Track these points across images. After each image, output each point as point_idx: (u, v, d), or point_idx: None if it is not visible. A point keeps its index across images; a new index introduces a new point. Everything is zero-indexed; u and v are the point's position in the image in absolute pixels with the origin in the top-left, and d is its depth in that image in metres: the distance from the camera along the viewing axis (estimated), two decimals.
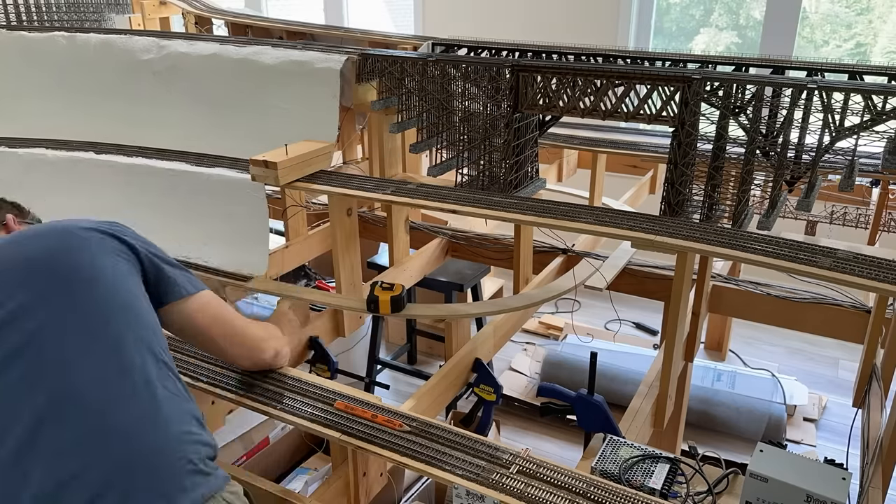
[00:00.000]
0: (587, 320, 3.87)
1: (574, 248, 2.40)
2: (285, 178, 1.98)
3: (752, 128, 1.72)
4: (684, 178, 1.79)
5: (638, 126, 2.62)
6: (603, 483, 1.23)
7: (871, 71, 1.85)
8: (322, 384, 1.57)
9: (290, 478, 2.44)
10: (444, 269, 3.07)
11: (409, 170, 2.64)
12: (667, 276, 2.17)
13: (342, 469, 1.60)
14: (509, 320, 2.15)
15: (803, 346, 3.66)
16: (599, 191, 2.92)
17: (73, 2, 3.64)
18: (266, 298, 3.95)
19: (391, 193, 1.92)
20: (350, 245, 2.15)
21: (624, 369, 3.10)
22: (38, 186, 2.46)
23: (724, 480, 1.34)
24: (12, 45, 2.74)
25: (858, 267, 1.44)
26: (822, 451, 2.88)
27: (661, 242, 1.59)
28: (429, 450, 1.32)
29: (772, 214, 1.76)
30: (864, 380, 1.77)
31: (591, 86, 1.89)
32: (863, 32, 3.85)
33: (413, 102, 2.22)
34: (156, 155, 2.35)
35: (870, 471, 1.42)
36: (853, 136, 1.70)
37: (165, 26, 3.95)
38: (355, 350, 3.28)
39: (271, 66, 2.32)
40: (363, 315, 2.27)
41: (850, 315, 1.94)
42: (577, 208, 1.78)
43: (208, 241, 2.19)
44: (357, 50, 2.31)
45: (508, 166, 2.06)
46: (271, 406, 1.46)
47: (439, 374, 1.81)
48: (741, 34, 4.12)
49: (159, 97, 2.53)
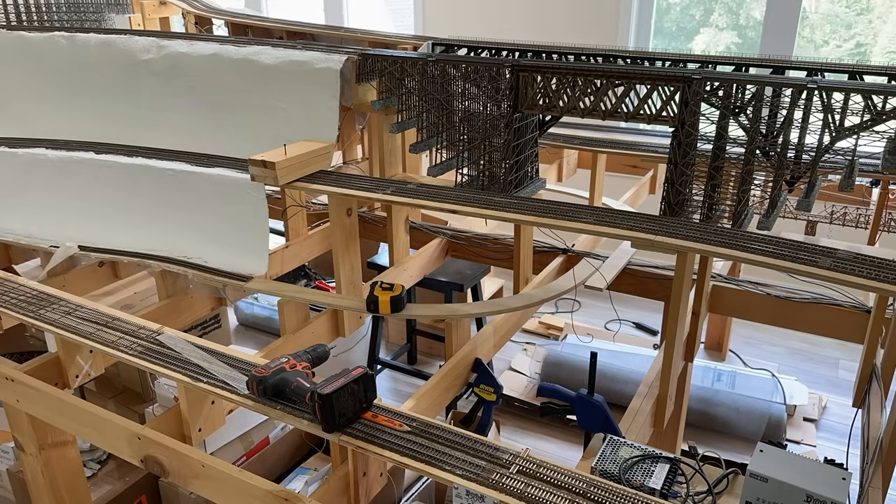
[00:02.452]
0: (587, 320, 3.87)
1: (574, 248, 2.40)
2: (284, 178, 1.98)
3: (752, 128, 1.72)
4: (684, 178, 1.79)
5: (638, 126, 2.62)
6: (603, 483, 1.23)
7: (871, 71, 1.85)
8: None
9: (290, 478, 2.44)
10: (444, 269, 3.07)
11: (409, 170, 2.64)
12: (667, 276, 2.17)
13: (342, 469, 1.60)
14: (509, 320, 2.15)
15: (803, 346, 3.66)
16: (599, 191, 2.92)
17: (73, 2, 3.64)
18: (266, 298, 3.95)
19: (391, 193, 1.92)
20: (350, 245, 2.15)
21: (624, 369, 3.10)
22: (38, 186, 2.46)
23: (724, 480, 1.34)
24: (12, 45, 2.74)
25: (858, 267, 1.44)
26: (822, 451, 2.88)
27: (661, 242, 1.59)
28: (429, 450, 1.32)
29: (772, 214, 1.76)
30: (864, 380, 1.77)
31: (591, 86, 1.89)
32: (863, 32, 3.85)
33: (413, 102, 2.22)
34: (156, 155, 2.35)
35: (870, 471, 1.42)
36: (853, 136, 1.70)
37: (165, 26, 3.95)
38: (355, 350, 3.28)
39: (271, 66, 2.32)
40: (363, 315, 2.27)
41: (850, 315, 1.94)
42: (577, 208, 1.78)
43: (208, 241, 2.19)
44: (357, 50, 2.31)
45: (508, 166, 2.06)
46: (271, 406, 1.46)
47: (439, 374, 1.81)
48: (741, 34, 4.12)
49: (159, 97, 2.53)
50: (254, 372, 1.47)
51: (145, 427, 1.64)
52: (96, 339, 1.74)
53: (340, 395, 1.35)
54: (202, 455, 1.58)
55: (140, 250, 2.25)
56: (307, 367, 1.51)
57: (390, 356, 3.50)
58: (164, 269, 2.19)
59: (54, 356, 1.89)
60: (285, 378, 1.45)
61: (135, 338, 1.74)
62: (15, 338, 2.93)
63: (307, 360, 1.53)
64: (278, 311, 2.06)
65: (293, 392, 1.43)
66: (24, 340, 3.05)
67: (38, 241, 2.39)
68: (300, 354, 1.55)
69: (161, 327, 1.79)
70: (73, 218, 2.39)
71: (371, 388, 1.41)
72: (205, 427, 1.74)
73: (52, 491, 1.93)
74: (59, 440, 1.91)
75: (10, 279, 2.11)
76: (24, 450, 1.92)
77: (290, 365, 1.48)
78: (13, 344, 2.93)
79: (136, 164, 2.30)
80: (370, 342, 3.29)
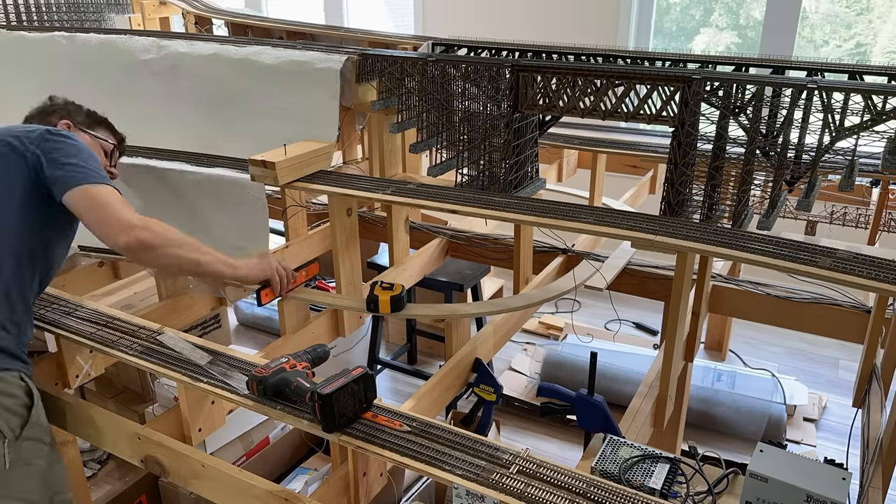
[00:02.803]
0: (587, 320, 3.87)
1: (574, 248, 2.40)
2: (284, 178, 1.98)
3: (752, 128, 1.72)
4: (684, 178, 1.79)
5: (638, 126, 2.62)
6: (603, 483, 1.23)
7: (871, 71, 1.85)
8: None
9: (290, 478, 2.45)
10: (444, 269, 3.07)
11: (409, 170, 2.64)
12: (667, 276, 2.17)
13: (342, 469, 1.60)
14: (509, 320, 2.15)
15: (803, 346, 3.66)
16: (599, 191, 2.92)
17: (73, 2, 3.64)
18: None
19: (391, 193, 1.92)
20: (350, 245, 2.15)
21: (624, 369, 3.10)
22: None
23: (724, 480, 1.34)
24: (12, 45, 2.74)
25: (858, 267, 1.44)
26: (822, 451, 2.88)
27: (661, 242, 1.59)
28: (429, 450, 1.32)
29: (772, 214, 1.76)
30: (864, 380, 1.77)
31: (591, 86, 1.89)
32: (863, 32, 3.85)
33: (413, 102, 2.22)
34: (156, 155, 2.35)
35: (870, 471, 1.42)
36: (853, 135, 1.70)
37: (165, 26, 3.95)
38: (355, 350, 3.28)
39: (271, 66, 2.32)
40: (363, 315, 2.27)
41: (850, 315, 1.94)
42: (577, 208, 1.78)
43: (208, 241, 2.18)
44: (357, 50, 2.31)
45: (508, 166, 2.06)
46: (271, 406, 1.46)
47: (439, 374, 1.81)
48: (741, 34, 4.12)
49: (159, 97, 2.53)
50: (254, 372, 1.47)
51: (145, 427, 1.64)
52: (96, 339, 1.74)
53: (340, 395, 1.35)
54: (202, 455, 1.58)
55: None
56: (307, 367, 1.50)
57: (390, 356, 3.50)
58: None
59: (54, 356, 1.89)
60: (285, 378, 1.45)
61: (135, 338, 1.74)
62: None
63: (307, 360, 1.53)
64: (278, 311, 2.06)
65: (293, 392, 1.43)
66: None
67: None
68: (300, 354, 1.55)
69: (161, 327, 1.79)
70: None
71: (371, 388, 1.41)
72: (205, 427, 1.74)
73: None
74: (59, 440, 1.91)
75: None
76: None
77: (290, 365, 1.48)
78: None
79: (137, 164, 2.30)
80: (370, 342, 3.29)
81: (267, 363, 1.50)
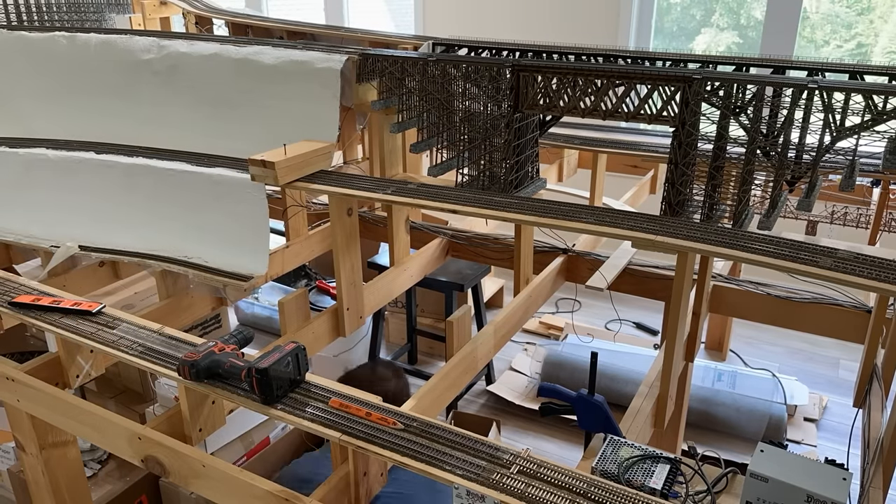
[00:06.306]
0: (587, 320, 3.87)
1: (574, 248, 2.40)
2: (284, 178, 1.98)
3: (753, 128, 1.72)
4: (685, 177, 1.79)
5: (638, 126, 2.62)
6: (603, 483, 1.23)
7: (871, 71, 1.85)
8: (318, 383, 1.57)
9: None
10: (445, 269, 3.07)
11: (409, 170, 2.64)
12: (667, 276, 2.17)
13: (342, 469, 1.60)
14: (510, 320, 2.15)
15: (803, 346, 3.66)
16: (600, 191, 2.92)
17: (74, 2, 3.64)
18: (266, 298, 3.95)
19: (391, 193, 1.92)
20: (350, 245, 2.15)
21: (624, 369, 3.10)
22: (38, 186, 2.46)
23: (724, 480, 1.34)
24: (12, 45, 2.74)
25: (859, 267, 1.44)
26: (822, 451, 2.88)
27: (661, 242, 1.58)
28: (429, 450, 1.32)
29: (772, 214, 1.76)
30: (864, 380, 1.77)
31: (591, 86, 1.89)
32: (863, 32, 3.85)
33: (413, 102, 2.22)
34: (156, 155, 2.35)
35: (870, 471, 1.42)
36: (854, 135, 1.70)
37: (166, 26, 3.95)
38: (355, 350, 3.28)
39: (272, 66, 2.32)
40: (363, 315, 2.27)
41: (851, 315, 1.94)
42: (577, 208, 1.78)
43: (208, 241, 2.19)
44: (357, 50, 2.31)
45: (509, 166, 2.06)
46: (271, 406, 1.46)
47: (439, 374, 1.80)
48: (742, 34, 4.11)
49: (160, 97, 2.53)
50: (183, 357, 1.51)
51: (146, 427, 1.64)
52: (96, 339, 1.74)
53: (276, 368, 1.42)
54: (202, 455, 1.58)
55: (140, 250, 2.25)
56: (235, 349, 1.56)
57: (391, 356, 3.50)
58: (165, 269, 2.19)
59: (55, 356, 1.89)
60: (217, 360, 1.49)
61: (135, 338, 1.74)
62: (15, 338, 2.93)
63: (234, 343, 1.58)
64: (279, 310, 2.06)
65: (227, 371, 1.48)
66: (24, 340, 3.05)
67: (39, 241, 2.39)
68: (226, 338, 1.60)
69: (161, 327, 1.79)
70: (74, 218, 2.39)
71: (304, 362, 1.48)
72: (205, 427, 1.74)
73: (52, 491, 1.93)
74: (59, 440, 1.91)
75: (10, 279, 2.11)
76: (24, 450, 1.92)
77: (218, 348, 1.53)
78: (14, 344, 2.93)
79: (137, 164, 2.30)
80: (371, 342, 3.29)
81: (195, 347, 1.55)
